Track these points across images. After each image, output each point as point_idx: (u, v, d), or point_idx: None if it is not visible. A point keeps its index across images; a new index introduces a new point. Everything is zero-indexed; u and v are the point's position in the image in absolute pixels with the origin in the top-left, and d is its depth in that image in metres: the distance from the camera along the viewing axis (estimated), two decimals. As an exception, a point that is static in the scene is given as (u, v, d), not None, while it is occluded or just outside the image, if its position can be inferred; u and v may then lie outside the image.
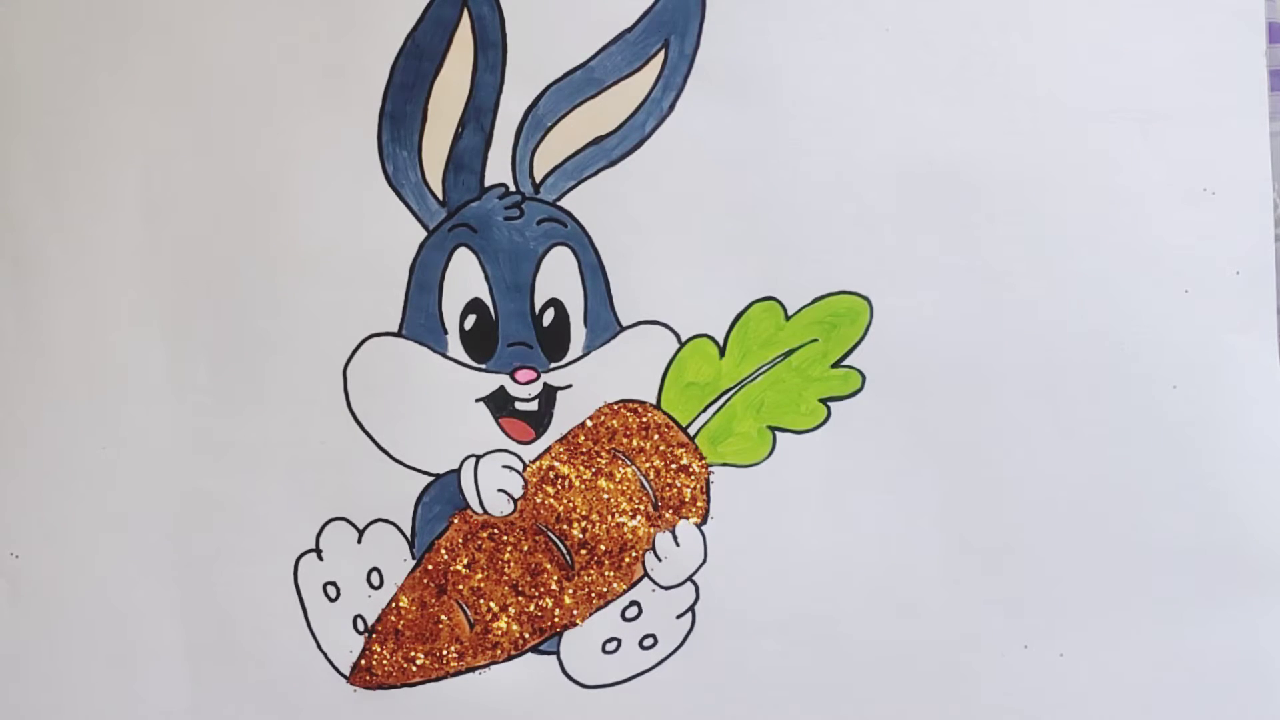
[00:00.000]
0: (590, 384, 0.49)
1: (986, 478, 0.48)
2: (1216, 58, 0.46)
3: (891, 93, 0.47)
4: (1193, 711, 0.47)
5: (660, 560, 0.49)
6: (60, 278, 0.52)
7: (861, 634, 0.49)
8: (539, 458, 0.50)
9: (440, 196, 0.49)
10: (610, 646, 0.50)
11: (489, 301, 0.50)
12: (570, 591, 0.50)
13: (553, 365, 0.50)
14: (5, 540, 0.53)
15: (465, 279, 0.50)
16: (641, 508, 0.50)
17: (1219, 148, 0.46)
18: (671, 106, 0.48)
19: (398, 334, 0.50)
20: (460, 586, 0.51)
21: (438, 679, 0.51)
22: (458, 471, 0.50)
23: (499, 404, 0.50)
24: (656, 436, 0.49)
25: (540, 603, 0.50)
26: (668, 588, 0.49)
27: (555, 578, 0.50)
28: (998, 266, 0.47)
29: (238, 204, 0.51)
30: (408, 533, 0.51)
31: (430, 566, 0.51)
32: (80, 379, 0.52)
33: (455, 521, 0.50)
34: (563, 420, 0.50)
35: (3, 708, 0.53)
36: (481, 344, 0.50)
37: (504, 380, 0.50)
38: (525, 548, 0.50)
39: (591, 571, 0.50)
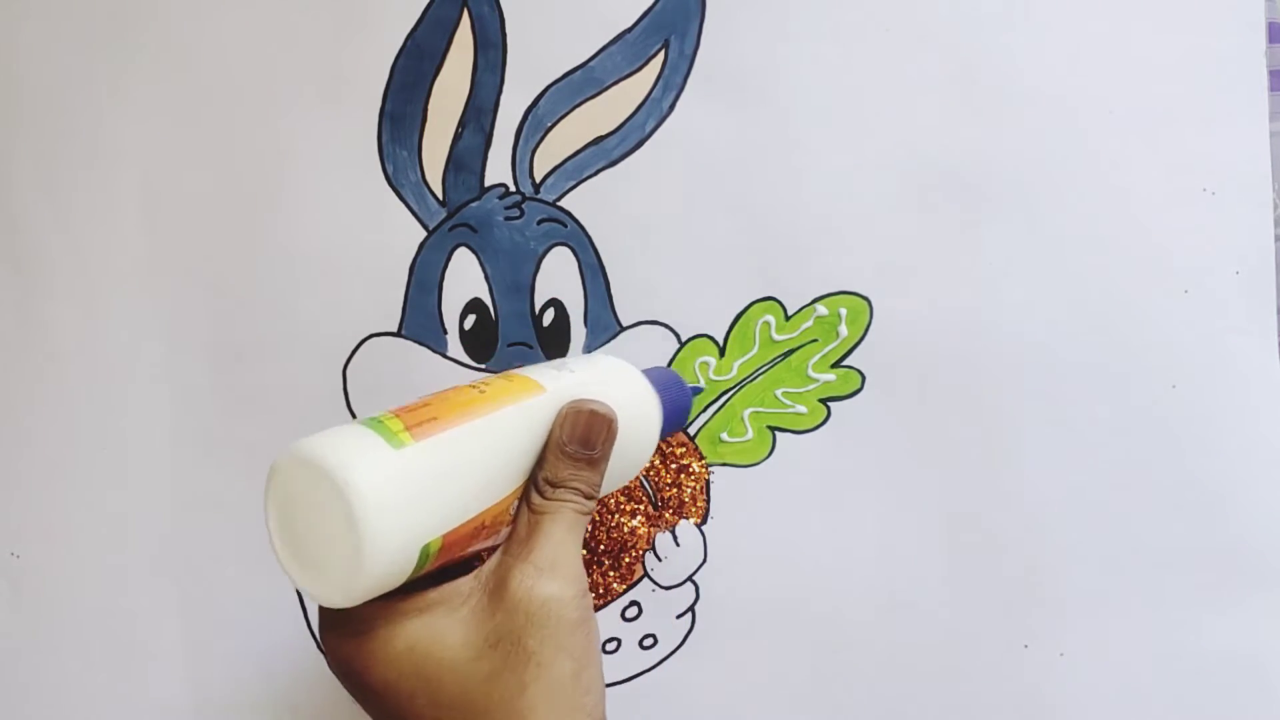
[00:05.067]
0: (590, 384, 0.49)
1: (986, 478, 0.48)
2: (1216, 58, 0.46)
3: (892, 93, 0.47)
4: (1193, 711, 0.47)
5: (660, 560, 0.49)
6: (60, 278, 0.52)
7: (861, 634, 0.49)
8: (539, 458, 0.50)
9: (440, 196, 0.49)
10: (610, 646, 0.50)
11: (489, 301, 0.50)
12: (570, 591, 0.50)
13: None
14: (5, 540, 0.53)
15: (465, 279, 0.50)
16: (641, 508, 0.50)
17: (1219, 148, 0.46)
18: (671, 106, 0.48)
19: (398, 334, 0.50)
20: (460, 586, 0.51)
21: (438, 679, 0.51)
22: (458, 471, 0.50)
23: (499, 404, 0.50)
24: (656, 436, 0.49)
25: (540, 603, 0.50)
26: (668, 588, 0.49)
27: (555, 578, 0.50)
28: (998, 266, 0.47)
29: (238, 204, 0.51)
30: (408, 533, 0.51)
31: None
32: (80, 379, 0.52)
33: (455, 521, 0.50)
34: (563, 420, 0.50)
35: (3, 707, 0.53)
36: (481, 344, 0.50)
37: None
38: (525, 548, 0.50)
39: (591, 572, 0.50)
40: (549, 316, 0.49)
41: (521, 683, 0.32)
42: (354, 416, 0.50)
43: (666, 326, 0.49)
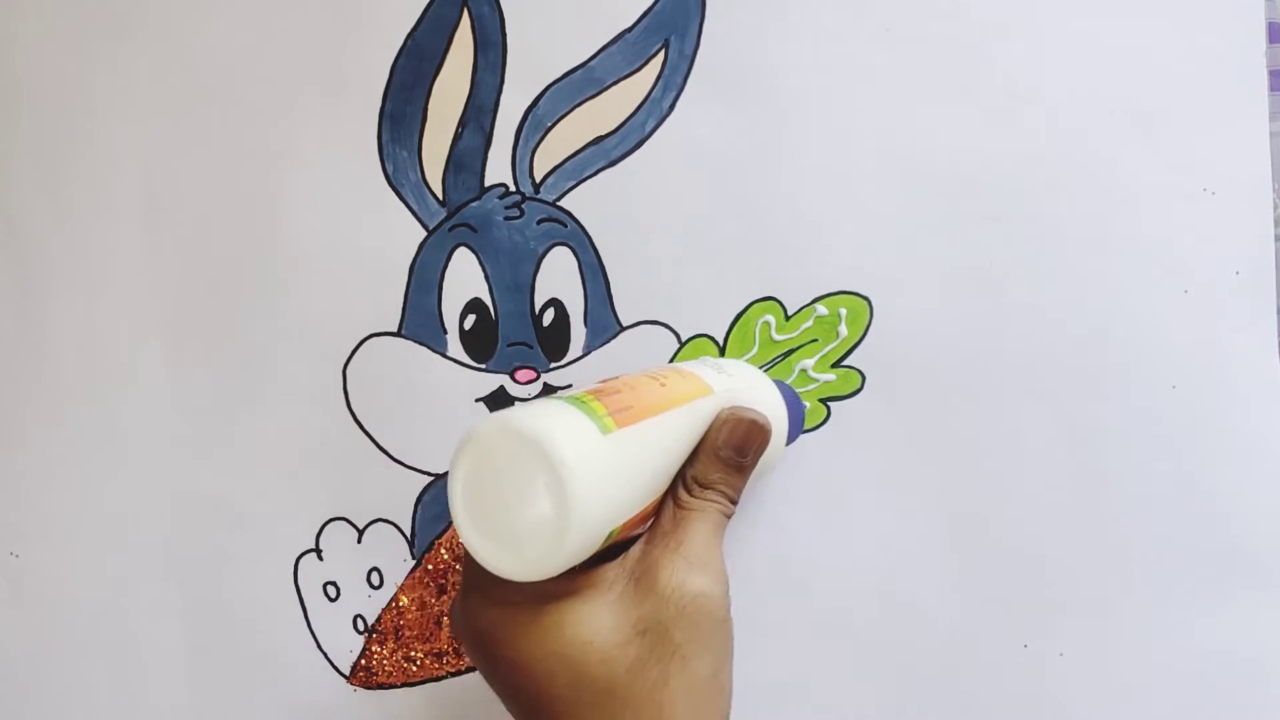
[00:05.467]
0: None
1: (986, 478, 0.48)
2: (1216, 58, 0.46)
3: (891, 92, 0.47)
4: (1193, 711, 0.47)
5: (660, 560, 0.49)
6: (60, 278, 0.52)
7: (861, 634, 0.49)
8: (539, 458, 0.50)
9: (440, 196, 0.49)
10: (610, 646, 0.50)
11: (489, 301, 0.50)
12: (570, 591, 0.50)
13: (553, 365, 0.50)
14: (5, 540, 0.53)
15: (465, 279, 0.50)
16: (641, 508, 0.50)
17: (1219, 148, 0.46)
18: (671, 106, 0.48)
19: (397, 334, 0.50)
20: (460, 586, 0.51)
21: (438, 679, 0.51)
22: (458, 471, 0.50)
23: (499, 404, 0.50)
24: (656, 436, 0.49)
25: (540, 603, 0.50)
26: (668, 588, 0.49)
27: (555, 578, 0.50)
28: (998, 266, 0.47)
29: (238, 204, 0.51)
30: (408, 533, 0.51)
31: (430, 566, 0.51)
32: (80, 379, 0.52)
33: (455, 521, 0.50)
34: (563, 420, 0.50)
35: (3, 707, 0.53)
36: (481, 344, 0.50)
37: (504, 380, 0.50)
38: (525, 548, 0.50)
39: (591, 571, 0.50)
40: (549, 316, 0.49)
41: (665, 674, 0.32)
42: (354, 416, 0.50)
43: (666, 326, 0.49)
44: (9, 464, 0.53)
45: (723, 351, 0.49)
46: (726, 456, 0.36)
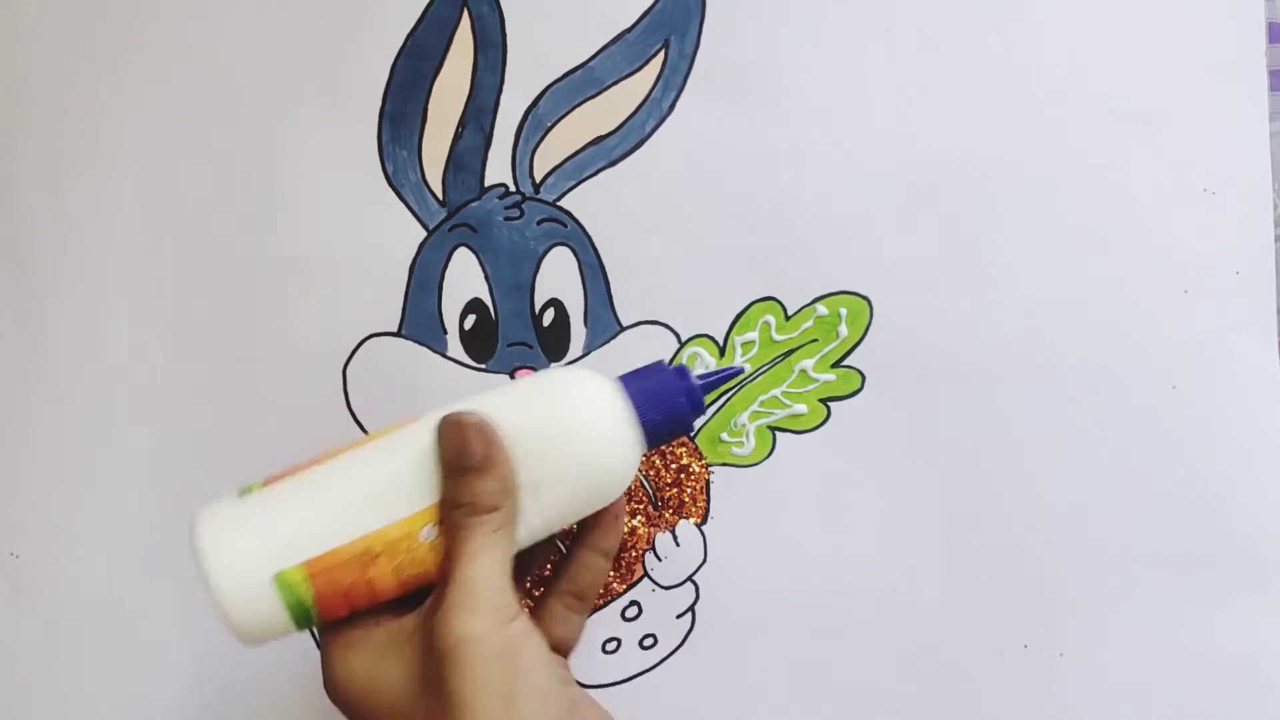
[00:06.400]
0: (590, 384, 0.49)
1: (986, 477, 0.48)
2: (1216, 58, 0.46)
3: (891, 93, 0.47)
4: (1193, 711, 0.47)
5: (660, 560, 0.49)
6: (60, 278, 0.52)
7: (861, 634, 0.49)
8: (539, 458, 0.50)
9: (440, 196, 0.49)
10: (610, 646, 0.50)
11: (489, 301, 0.50)
12: (570, 591, 0.50)
13: (553, 365, 0.50)
14: (5, 540, 0.53)
15: (465, 279, 0.50)
16: (641, 508, 0.50)
17: (1219, 148, 0.46)
18: (671, 106, 0.48)
19: (397, 334, 0.50)
20: (460, 586, 0.51)
21: (438, 679, 0.51)
22: (458, 471, 0.50)
23: (499, 404, 0.50)
24: (656, 436, 0.49)
25: (540, 603, 0.50)
26: (668, 588, 0.49)
27: (555, 578, 0.50)
28: (998, 266, 0.47)
29: (238, 204, 0.51)
30: (408, 533, 0.51)
31: (430, 566, 0.51)
32: (80, 379, 0.52)
33: (455, 521, 0.50)
34: (563, 420, 0.50)
35: (3, 707, 0.53)
36: (481, 344, 0.50)
37: (504, 381, 0.50)
38: (525, 548, 0.50)
39: (591, 571, 0.50)
40: (549, 316, 0.49)
41: None
42: (354, 416, 0.50)
43: (666, 326, 0.49)
44: (9, 464, 0.53)
45: (723, 352, 0.49)
46: (451, 463, 0.35)
